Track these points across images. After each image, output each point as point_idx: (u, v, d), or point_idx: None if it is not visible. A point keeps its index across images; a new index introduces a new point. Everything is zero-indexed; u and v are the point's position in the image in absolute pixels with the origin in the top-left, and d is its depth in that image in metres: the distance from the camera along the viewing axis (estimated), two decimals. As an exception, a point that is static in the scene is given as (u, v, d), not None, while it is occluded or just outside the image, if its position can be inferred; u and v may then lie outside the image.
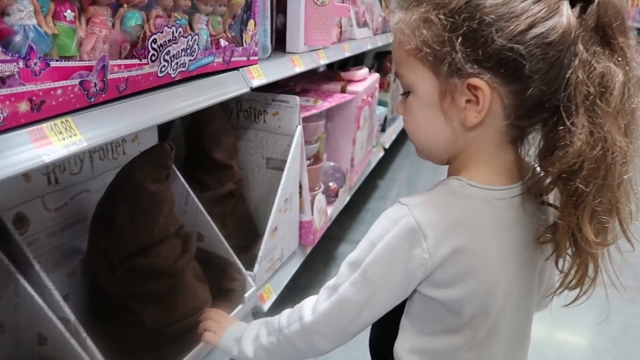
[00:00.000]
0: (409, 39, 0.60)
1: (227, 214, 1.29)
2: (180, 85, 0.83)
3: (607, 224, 0.55)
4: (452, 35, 0.56)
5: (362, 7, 2.12)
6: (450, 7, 0.56)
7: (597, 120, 0.52)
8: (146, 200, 0.87)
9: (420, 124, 0.64)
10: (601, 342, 1.52)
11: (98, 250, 0.91)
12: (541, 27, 0.53)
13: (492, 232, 0.60)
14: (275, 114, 1.35)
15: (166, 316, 0.93)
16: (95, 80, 0.63)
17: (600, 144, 0.52)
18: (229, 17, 0.99)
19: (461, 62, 0.55)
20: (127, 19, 0.71)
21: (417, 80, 0.61)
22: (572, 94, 0.53)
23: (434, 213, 0.59)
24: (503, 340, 0.66)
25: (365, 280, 0.62)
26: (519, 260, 0.63)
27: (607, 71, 0.52)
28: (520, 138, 0.62)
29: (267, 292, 1.27)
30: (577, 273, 0.58)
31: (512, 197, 0.61)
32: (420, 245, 0.58)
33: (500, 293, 0.61)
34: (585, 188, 0.53)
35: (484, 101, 0.56)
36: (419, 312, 0.64)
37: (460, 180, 0.61)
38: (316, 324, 0.67)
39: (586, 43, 0.53)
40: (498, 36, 0.53)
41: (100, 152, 1.04)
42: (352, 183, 1.99)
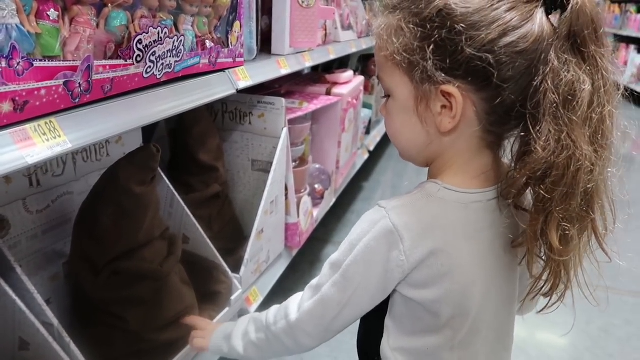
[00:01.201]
0: (386, 44, 0.60)
1: (213, 216, 1.28)
2: (166, 87, 0.82)
3: (569, 232, 0.54)
4: (424, 43, 0.56)
5: (346, 10, 2.13)
6: (423, 15, 0.56)
7: (563, 128, 0.52)
8: (131, 202, 0.86)
9: (399, 127, 0.65)
10: (581, 341, 1.55)
11: (81, 253, 0.89)
12: (512, 35, 0.54)
13: (467, 234, 0.61)
14: (261, 116, 1.35)
15: (151, 320, 0.92)
16: (80, 80, 0.62)
17: (566, 151, 0.52)
18: (214, 19, 0.98)
19: (432, 70, 0.56)
20: (112, 19, 0.70)
21: (395, 84, 0.62)
22: (540, 101, 0.53)
23: (410, 216, 0.60)
24: (485, 341, 0.67)
25: (346, 280, 0.63)
26: (496, 262, 0.64)
27: (576, 80, 0.52)
28: (498, 142, 0.63)
29: (254, 294, 1.26)
30: (548, 279, 0.58)
31: (487, 200, 0.62)
32: (397, 247, 0.59)
33: (477, 294, 0.62)
34: (549, 195, 0.53)
35: (457, 108, 0.57)
36: (400, 312, 0.65)
37: (437, 184, 0.62)
38: (301, 322, 0.69)
39: (558, 51, 0.53)
40: (468, 45, 0.54)
41: (84, 153, 1.02)
42: (337, 185, 1.99)
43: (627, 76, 5.94)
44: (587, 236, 0.57)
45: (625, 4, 6.91)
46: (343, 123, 1.85)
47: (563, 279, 0.58)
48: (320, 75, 2.03)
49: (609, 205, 0.58)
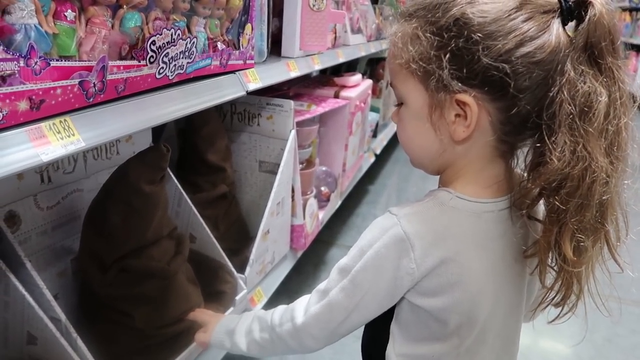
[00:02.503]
0: (401, 52, 0.60)
1: (220, 217, 1.29)
2: (177, 88, 0.83)
3: (584, 243, 0.54)
4: (440, 52, 0.57)
5: (356, 13, 2.13)
6: (440, 24, 0.57)
7: (579, 139, 0.52)
8: (140, 201, 0.87)
9: (411, 135, 0.65)
10: (586, 351, 1.55)
11: (90, 250, 0.90)
12: (529, 46, 0.54)
13: (479, 244, 0.61)
14: (270, 118, 1.36)
15: (157, 318, 0.92)
16: (95, 80, 0.63)
17: (581, 163, 0.52)
18: (226, 21, 0.99)
19: (448, 79, 0.56)
20: (127, 20, 0.71)
21: (409, 92, 0.62)
22: (556, 112, 0.53)
23: (422, 224, 0.60)
24: (492, 349, 0.67)
25: (354, 286, 0.63)
26: (506, 271, 0.64)
27: (592, 91, 0.52)
28: (511, 152, 0.63)
29: (258, 295, 1.27)
30: (560, 290, 0.59)
31: (500, 209, 0.62)
32: (408, 255, 0.59)
33: (486, 303, 0.62)
34: (564, 206, 0.53)
35: (472, 117, 0.57)
36: (407, 318, 0.65)
37: (449, 193, 0.62)
38: (307, 326, 0.69)
39: (574, 62, 0.53)
40: (484, 55, 0.54)
41: (94, 151, 1.03)
42: (343, 188, 2.00)
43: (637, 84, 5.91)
44: (600, 247, 0.57)
45: (636, 12, 6.87)
46: (350, 126, 1.86)
47: (575, 290, 0.58)
48: (329, 78, 2.03)
49: (622, 217, 0.58)
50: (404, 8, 0.62)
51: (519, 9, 0.55)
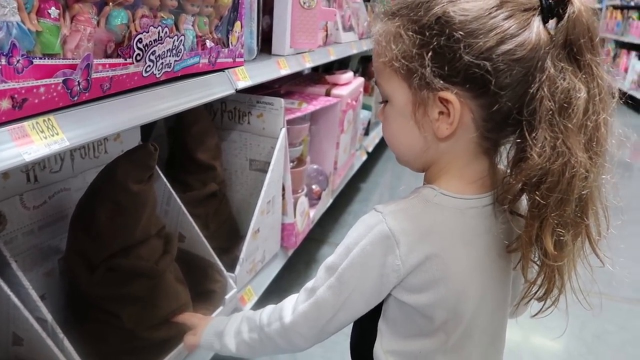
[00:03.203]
0: (384, 50, 0.61)
1: (210, 215, 1.28)
2: (165, 86, 0.83)
3: (564, 237, 0.55)
4: (422, 50, 0.57)
5: (348, 11, 2.13)
6: (422, 22, 0.57)
7: (559, 135, 0.53)
8: (128, 200, 0.86)
9: (396, 132, 0.65)
10: (575, 347, 1.56)
11: (77, 249, 0.89)
12: (509, 43, 0.54)
13: (463, 240, 0.62)
14: (260, 116, 1.35)
15: (145, 318, 0.92)
16: (79, 78, 0.63)
17: (561, 158, 0.53)
18: (215, 18, 0.99)
19: (430, 77, 0.57)
20: (113, 17, 0.70)
21: (393, 90, 0.63)
22: (536, 108, 0.54)
23: (406, 221, 0.60)
24: (478, 344, 0.67)
25: (341, 284, 0.64)
26: (491, 267, 0.64)
27: (572, 87, 0.53)
28: (494, 148, 0.63)
29: (248, 294, 1.27)
30: (542, 284, 0.59)
31: (483, 205, 0.62)
32: (393, 252, 0.60)
33: (471, 299, 0.63)
34: (544, 201, 0.54)
35: (455, 114, 0.58)
36: (394, 315, 0.65)
37: (434, 189, 0.62)
38: (295, 324, 0.69)
39: (554, 59, 0.54)
40: (466, 52, 0.54)
41: (82, 150, 1.02)
42: (334, 186, 1.99)
43: (628, 82, 5.95)
44: (581, 242, 0.58)
45: (627, 10, 6.92)
46: (342, 124, 1.86)
47: (557, 284, 0.59)
48: (321, 75, 2.03)
49: (603, 212, 0.58)
50: (387, 7, 0.62)
51: (499, 7, 0.55)
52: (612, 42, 7.23)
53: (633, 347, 1.58)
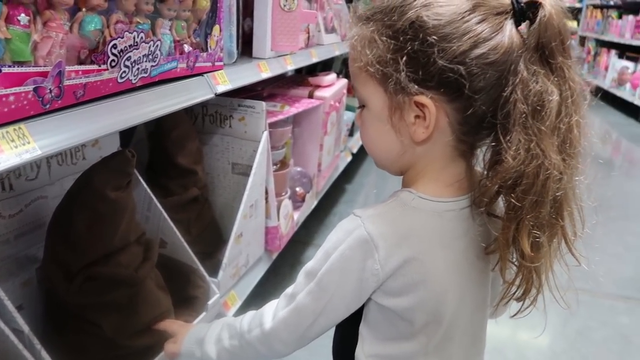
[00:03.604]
0: (359, 55, 0.61)
1: (192, 220, 1.28)
2: (142, 91, 0.82)
3: (540, 239, 0.56)
4: (397, 55, 0.57)
5: (330, 12, 2.13)
6: (396, 27, 0.57)
7: (533, 137, 0.53)
8: (106, 207, 0.85)
9: (373, 137, 0.65)
10: (558, 344, 1.57)
11: (55, 258, 0.88)
12: (483, 47, 0.55)
13: (442, 242, 0.62)
14: (242, 119, 1.35)
15: (126, 326, 0.91)
16: (51, 86, 0.62)
17: (535, 160, 0.53)
18: (193, 22, 0.98)
19: (405, 81, 0.57)
20: (86, 23, 0.69)
21: (369, 95, 0.63)
22: (510, 111, 0.54)
23: (385, 225, 0.60)
24: (459, 346, 0.68)
25: (321, 289, 0.64)
26: (470, 269, 0.65)
27: (544, 90, 0.53)
28: (470, 151, 0.64)
29: (232, 298, 1.26)
30: (521, 284, 0.60)
31: (461, 208, 0.62)
32: (372, 256, 0.60)
33: (451, 301, 0.63)
34: (519, 203, 0.54)
35: (430, 118, 0.58)
36: (374, 319, 0.65)
37: (411, 193, 0.62)
38: (276, 330, 0.69)
39: (527, 62, 0.54)
40: (440, 57, 0.55)
41: (59, 157, 1.01)
42: (319, 188, 1.99)
43: (608, 80, 6.04)
44: (557, 242, 0.59)
45: (607, 9, 7.03)
46: (325, 126, 1.86)
47: (535, 284, 0.60)
48: (304, 77, 2.03)
49: (578, 212, 0.59)
50: (362, 12, 0.62)
51: (472, 11, 0.55)
52: (593, 41, 7.34)
53: (615, 343, 1.60)
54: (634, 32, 5.70)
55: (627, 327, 1.69)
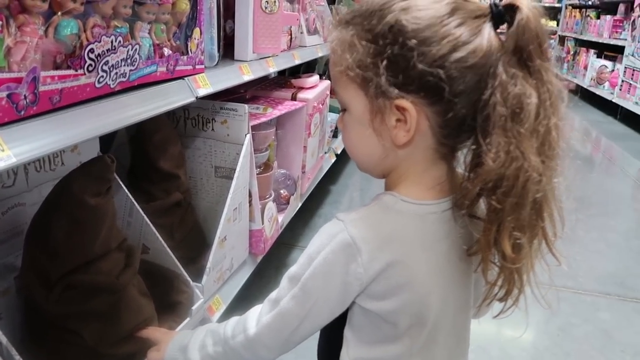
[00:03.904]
0: (340, 59, 0.61)
1: (175, 225, 1.26)
2: (121, 96, 0.80)
3: (521, 240, 0.56)
4: (377, 59, 0.57)
5: (312, 14, 2.13)
6: (375, 32, 0.57)
7: (512, 140, 0.54)
8: (86, 214, 0.84)
9: (355, 141, 0.65)
10: (541, 341, 1.59)
11: (33, 267, 0.86)
12: (462, 50, 0.55)
13: (424, 245, 0.62)
14: (224, 122, 1.34)
15: (108, 334, 0.89)
16: (26, 92, 0.60)
17: (515, 162, 0.53)
18: (173, 25, 0.97)
19: (385, 85, 0.57)
20: (62, 27, 0.68)
21: (350, 99, 0.63)
22: (490, 114, 0.54)
23: (368, 229, 0.60)
24: (443, 348, 0.68)
25: (304, 293, 0.63)
26: (453, 271, 0.65)
27: (523, 93, 0.54)
28: (451, 154, 0.64)
29: (216, 303, 1.25)
30: (503, 285, 0.60)
31: (443, 210, 0.63)
32: (355, 260, 0.59)
33: (435, 303, 0.63)
34: (500, 205, 0.54)
35: (411, 122, 0.58)
36: (359, 322, 0.65)
37: (394, 196, 0.63)
38: (260, 336, 0.69)
39: (506, 65, 0.54)
40: (419, 60, 0.55)
41: (36, 163, 0.99)
42: (303, 190, 1.99)
43: (588, 80, 6.14)
44: (538, 243, 0.59)
45: (585, 9, 7.15)
46: (309, 128, 1.86)
47: (517, 285, 0.60)
48: (286, 79, 2.02)
49: (558, 213, 0.59)
50: (341, 16, 0.62)
51: (451, 14, 0.56)
52: (572, 40, 7.46)
53: (596, 338, 1.63)
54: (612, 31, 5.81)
55: (608, 322, 1.72)
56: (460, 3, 0.57)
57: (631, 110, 4.84)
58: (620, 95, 5.19)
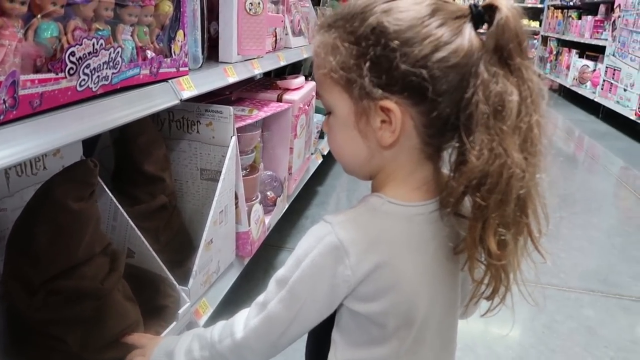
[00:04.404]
0: (323, 62, 0.61)
1: (160, 228, 1.25)
2: (103, 99, 0.80)
3: (505, 237, 0.57)
4: (360, 60, 0.58)
5: (297, 15, 2.13)
6: (357, 34, 0.58)
7: (495, 137, 0.55)
8: (69, 219, 0.83)
9: (340, 143, 0.66)
10: (527, 338, 1.61)
11: (15, 273, 0.85)
12: (443, 50, 0.56)
13: (412, 246, 0.63)
14: (209, 125, 1.33)
15: (93, 340, 0.88)
16: (5, 96, 0.60)
17: (498, 160, 0.54)
18: (156, 27, 0.96)
19: (369, 87, 0.57)
20: (42, 30, 0.67)
21: (335, 101, 0.63)
22: (473, 112, 0.55)
23: (355, 231, 0.61)
24: (431, 348, 0.68)
25: (292, 296, 0.63)
26: (440, 271, 0.65)
27: (504, 91, 0.55)
28: (437, 154, 0.64)
29: (203, 306, 1.24)
30: (490, 283, 0.61)
31: (430, 212, 0.63)
32: (343, 262, 0.60)
33: (422, 304, 0.64)
34: (485, 202, 0.55)
35: (396, 122, 0.59)
36: (347, 325, 0.66)
37: (381, 198, 0.63)
38: (247, 340, 0.68)
39: (487, 64, 0.55)
40: (402, 61, 0.56)
41: (18, 167, 0.97)
42: (290, 191, 1.99)
43: (570, 79, 6.23)
44: (524, 240, 0.60)
45: (567, 10, 7.25)
46: (295, 129, 1.86)
47: (503, 282, 0.61)
48: (272, 81, 2.02)
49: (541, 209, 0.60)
50: (324, 19, 0.63)
51: (431, 15, 0.57)
52: (555, 41, 7.56)
53: (580, 335, 1.65)
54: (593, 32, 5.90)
55: (592, 319, 1.74)
56: (441, 4, 0.58)
57: (612, 109, 4.92)
58: (602, 95, 5.28)
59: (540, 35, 8.36)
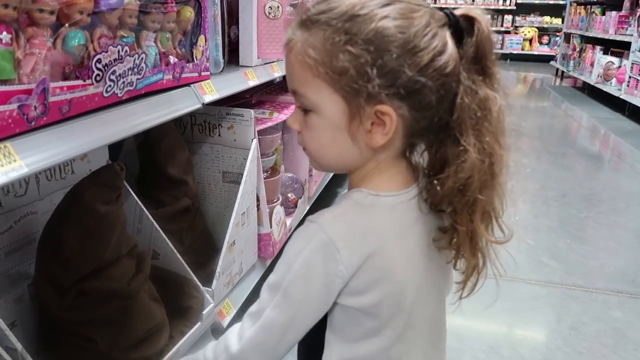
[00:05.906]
0: (316, 63, 0.59)
1: (184, 230, 1.27)
2: (129, 104, 0.82)
3: (490, 222, 0.63)
4: (360, 66, 0.57)
5: (316, 18, 2.14)
6: (359, 37, 0.57)
7: (483, 138, 0.60)
8: (96, 222, 0.85)
9: (325, 143, 0.64)
10: (553, 340, 1.58)
11: (46, 274, 0.88)
12: (439, 60, 0.58)
13: (397, 234, 0.64)
14: (230, 128, 1.35)
15: (121, 340, 0.91)
16: (36, 103, 0.62)
17: (488, 158, 0.60)
18: (178, 33, 0.98)
19: (374, 91, 0.58)
20: (70, 38, 0.69)
21: (324, 102, 0.61)
22: (462, 117, 0.60)
23: (342, 226, 0.62)
24: (421, 333, 0.69)
25: (287, 300, 0.63)
26: (423, 256, 0.67)
27: (486, 96, 0.60)
28: (410, 150, 0.68)
29: (227, 307, 1.26)
30: (474, 270, 0.64)
31: (409, 199, 0.65)
32: (335, 258, 0.61)
33: (411, 290, 0.65)
34: (473, 196, 0.60)
35: (391, 125, 0.60)
36: (340, 322, 0.66)
37: (362, 192, 0.64)
38: (243, 352, 0.67)
39: (468, 72, 0.59)
40: (408, 68, 0.57)
41: (47, 172, 1.00)
42: (310, 193, 2.00)
43: (594, 76, 6.10)
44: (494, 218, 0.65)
45: (590, 6, 7.10)
46: (315, 131, 1.86)
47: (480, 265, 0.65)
48: (292, 83, 2.03)
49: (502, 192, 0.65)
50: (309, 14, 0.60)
51: (428, 24, 0.58)
52: (578, 37, 7.42)
53: (608, 337, 1.61)
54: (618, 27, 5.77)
55: (620, 320, 1.70)
56: (431, 11, 0.60)
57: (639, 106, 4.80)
58: (627, 92, 5.16)
59: (563, 32, 8.21)
